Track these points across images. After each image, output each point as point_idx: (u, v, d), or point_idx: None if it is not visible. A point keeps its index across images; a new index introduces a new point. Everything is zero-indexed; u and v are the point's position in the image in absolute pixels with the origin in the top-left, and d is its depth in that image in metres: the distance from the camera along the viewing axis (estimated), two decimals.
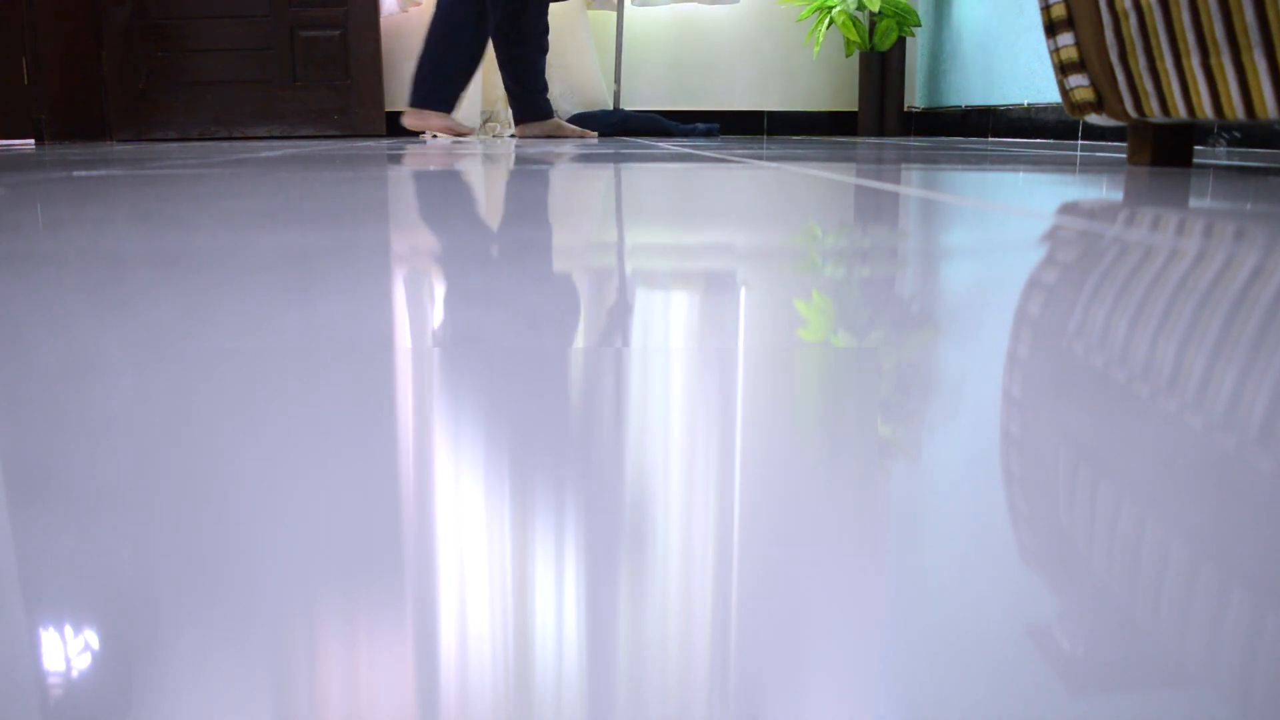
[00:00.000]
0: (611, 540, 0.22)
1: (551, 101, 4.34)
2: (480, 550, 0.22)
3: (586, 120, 4.14)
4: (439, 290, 0.53)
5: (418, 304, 0.49)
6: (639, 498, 0.25)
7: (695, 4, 4.31)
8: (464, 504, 0.24)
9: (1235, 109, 1.30)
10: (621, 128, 4.17)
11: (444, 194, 1.17)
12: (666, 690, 0.17)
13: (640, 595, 0.20)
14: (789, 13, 4.32)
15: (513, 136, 3.91)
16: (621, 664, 0.17)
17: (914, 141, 3.30)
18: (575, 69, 4.26)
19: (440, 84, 3.56)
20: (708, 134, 4.15)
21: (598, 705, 0.16)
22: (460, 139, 3.61)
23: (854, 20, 3.93)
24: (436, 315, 0.47)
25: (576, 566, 0.21)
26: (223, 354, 0.39)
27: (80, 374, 0.36)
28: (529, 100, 3.73)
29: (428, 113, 3.56)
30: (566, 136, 3.80)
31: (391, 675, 0.17)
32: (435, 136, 3.68)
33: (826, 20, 3.94)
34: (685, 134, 4.14)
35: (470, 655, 0.18)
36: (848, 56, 4.26)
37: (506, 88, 3.74)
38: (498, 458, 0.28)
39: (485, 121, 4.24)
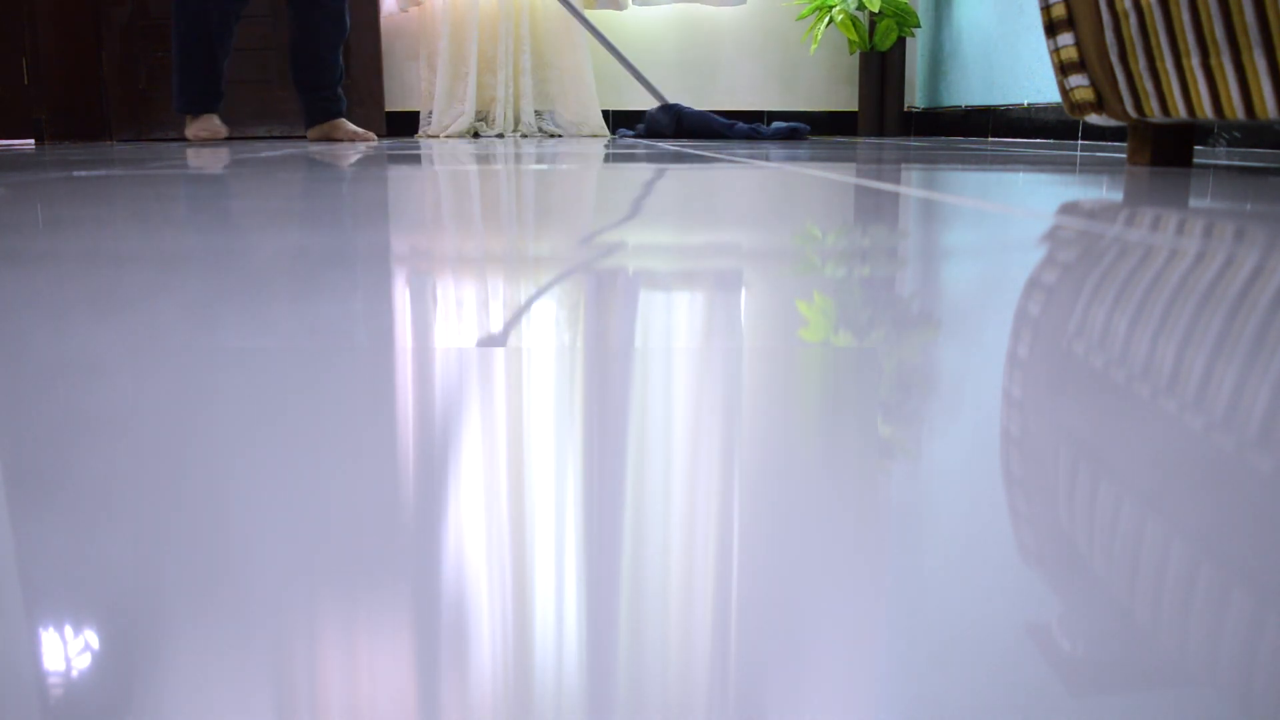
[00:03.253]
0: (611, 539, 0.22)
1: (550, 103, 4.34)
2: (480, 550, 0.22)
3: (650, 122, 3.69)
4: (449, 293, 0.53)
5: (422, 304, 0.49)
6: (639, 496, 0.25)
7: (696, 4, 4.31)
8: (465, 504, 0.24)
9: (1235, 109, 1.30)
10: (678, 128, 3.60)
11: (456, 195, 1.17)
12: (666, 688, 0.17)
13: (640, 594, 0.20)
14: (789, 12, 4.32)
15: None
16: (620, 663, 0.17)
17: (914, 141, 3.30)
18: (571, 70, 4.26)
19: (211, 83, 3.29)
20: (790, 135, 3.49)
21: (598, 705, 0.16)
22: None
23: (854, 20, 3.93)
24: (447, 316, 0.47)
25: (576, 565, 0.21)
26: (222, 354, 0.39)
27: (80, 374, 0.36)
28: (323, 100, 3.42)
29: (209, 117, 3.29)
30: (344, 139, 3.43)
31: (392, 674, 0.17)
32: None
33: (825, 19, 3.94)
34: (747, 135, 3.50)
35: (470, 654, 0.18)
36: (850, 55, 4.26)
37: (296, 84, 3.41)
38: (498, 458, 0.28)
39: (475, 121, 4.24)
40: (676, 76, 4.40)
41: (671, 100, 3.77)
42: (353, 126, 3.52)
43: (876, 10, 3.81)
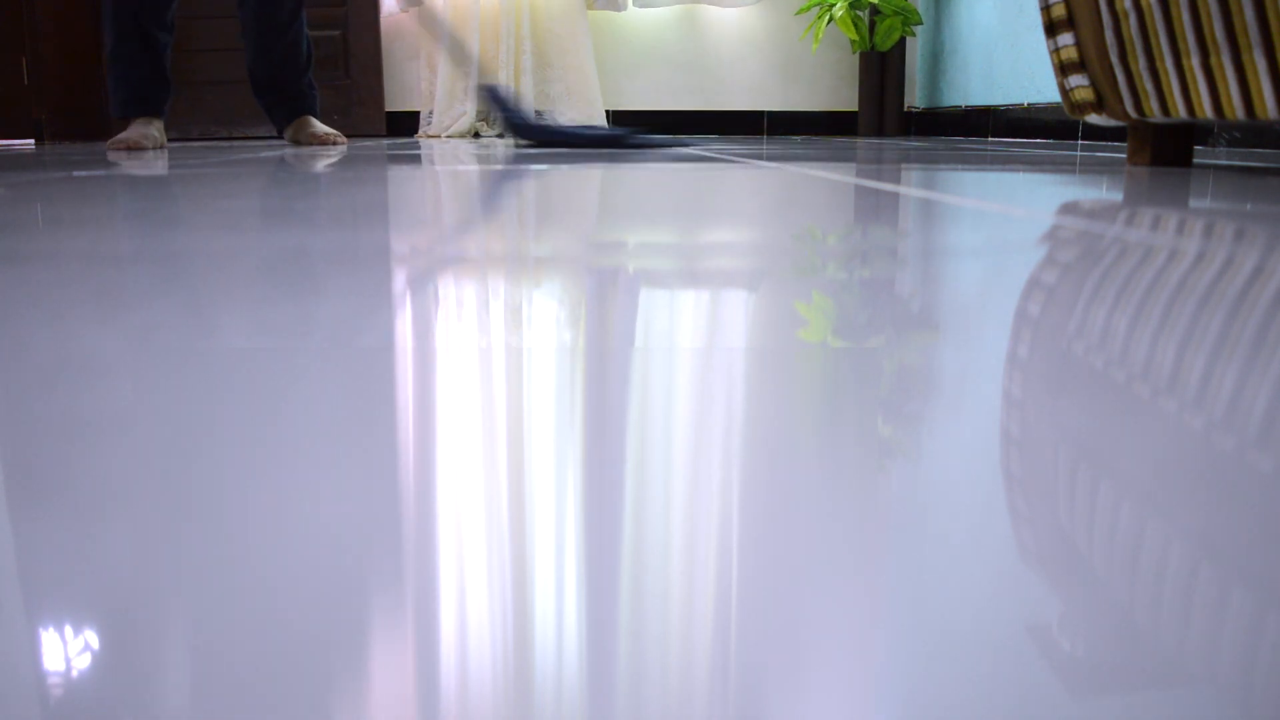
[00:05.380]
0: (612, 540, 0.22)
1: (551, 103, 4.34)
2: (480, 550, 0.22)
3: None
4: (443, 292, 0.53)
5: (420, 304, 0.49)
6: (640, 497, 0.25)
7: (695, 4, 4.31)
8: (465, 504, 0.24)
9: (1235, 109, 1.30)
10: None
11: (460, 197, 1.17)
12: (666, 688, 0.17)
13: (640, 595, 0.20)
14: (789, 12, 4.32)
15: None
16: (620, 664, 0.17)
17: (914, 141, 3.30)
18: (574, 69, 4.26)
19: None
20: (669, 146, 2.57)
21: (598, 705, 0.16)
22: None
23: (855, 19, 3.93)
24: (449, 316, 0.47)
25: (577, 566, 0.21)
26: (222, 354, 0.39)
27: (80, 374, 0.36)
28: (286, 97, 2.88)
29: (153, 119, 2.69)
30: (308, 142, 2.91)
31: (392, 674, 0.17)
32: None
33: (826, 17, 3.94)
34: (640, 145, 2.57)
35: (470, 654, 0.18)
36: (851, 54, 4.26)
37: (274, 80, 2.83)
38: (498, 458, 0.28)
39: (477, 121, 4.24)
40: (676, 76, 4.40)
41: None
42: (323, 127, 2.95)
43: (876, 4, 3.81)
